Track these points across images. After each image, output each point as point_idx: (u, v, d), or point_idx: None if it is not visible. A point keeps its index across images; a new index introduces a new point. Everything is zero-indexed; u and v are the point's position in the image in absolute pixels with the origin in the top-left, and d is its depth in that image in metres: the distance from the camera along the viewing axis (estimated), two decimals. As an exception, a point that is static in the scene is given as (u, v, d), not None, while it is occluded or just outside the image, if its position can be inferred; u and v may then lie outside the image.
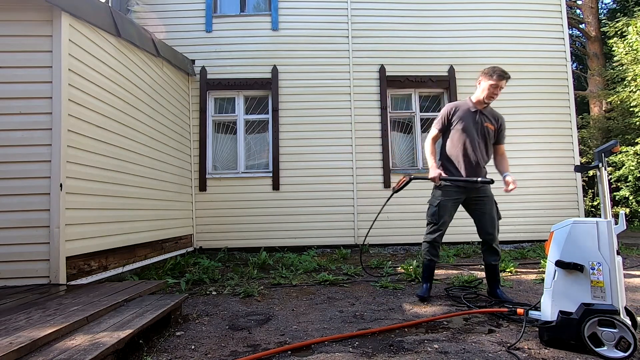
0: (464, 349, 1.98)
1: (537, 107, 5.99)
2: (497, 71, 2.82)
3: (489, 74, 2.85)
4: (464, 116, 2.93)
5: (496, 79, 2.81)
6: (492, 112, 3.01)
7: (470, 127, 2.90)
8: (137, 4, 5.84)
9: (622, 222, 2.00)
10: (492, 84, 2.83)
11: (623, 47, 9.59)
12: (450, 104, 3.02)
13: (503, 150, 3.06)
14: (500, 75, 2.81)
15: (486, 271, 3.01)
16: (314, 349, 2.02)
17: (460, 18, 6.11)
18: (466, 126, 2.91)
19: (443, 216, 2.92)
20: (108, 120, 3.58)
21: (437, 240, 2.94)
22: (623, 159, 9.43)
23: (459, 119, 2.93)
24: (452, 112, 2.97)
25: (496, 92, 2.86)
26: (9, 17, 2.99)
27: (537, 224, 5.74)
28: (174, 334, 2.29)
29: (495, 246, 2.92)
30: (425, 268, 3.03)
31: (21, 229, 2.86)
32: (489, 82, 2.84)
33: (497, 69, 2.84)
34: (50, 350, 1.60)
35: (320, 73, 5.95)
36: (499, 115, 3.02)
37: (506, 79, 2.83)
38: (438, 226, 2.93)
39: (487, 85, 2.85)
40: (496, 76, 2.80)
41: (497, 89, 2.84)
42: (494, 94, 2.86)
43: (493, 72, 2.83)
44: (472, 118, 2.92)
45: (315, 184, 5.76)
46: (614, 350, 1.82)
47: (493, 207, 2.96)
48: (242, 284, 3.61)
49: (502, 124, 3.01)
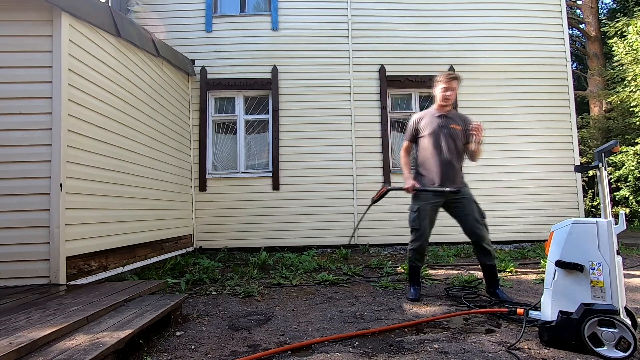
0: (464, 349, 1.98)
1: (537, 107, 5.99)
2: (446, 76, 3.04)
3: (438, 80, 3.07)
4: (430, 122, 3.06)
5: (445, 82, 3.01)
6: (457, 114, 3.14)
7: (437, 130, 3.02)
8: (137, 4, 5.84)
9: (622, 222, 1.99)
10: (443, 87, 3.01)
11: (623, 47, 9.59)
12: (416, 115, 3.19)
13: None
14: (448, 77, 3.02)
15: (483, 271, 3.03)
16: (314, 349, 2.02)
17: (460, 18, 6.11)
18: (433, 131, 3.02)
19: (423, 220, 2.98)
20: (108, 120, 3.58)
21: (422, 247, 3.02)
22: (623, 159, 9.43)
23: (426, 126, 3.06)
24: (418, 121, 3.12)
25: (449, 94, 3.02)
26: (9, 17, 2.99)
27: (537, 224, 5.74)
28: (174, 334, 2.29)
29: (486, 245, 2.93)
30: (411, 272, 3.10)
31: (21, 229, 2.86)
32: (440, 87, 3.04)
33: (446, 74, 3.06)
34: (50, 350, 1.60)
35: (320, 73, 5.95)
36: (465, 116, 3.13)
37: (455, 80, 3.02)
38: (420, 231, 2.99)
39: (439, 90, 3.05)
40: (444, 79, 3.02)
41: (449, 90, 3.01)
42: (449, 97, 3.03)
43: (443, 78, 3.04)
44: (438, 122, 3.04)
45: (315, 184, 5.76)
46: (614, 350, 1.82)
47: (474, 207, 2.98)
48: (242, 284, 3.61)
49: (467, 119, 3.11)
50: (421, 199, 3.00)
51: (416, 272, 3.08)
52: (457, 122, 3.05)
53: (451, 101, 3.06)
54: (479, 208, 3.00)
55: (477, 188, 3.80)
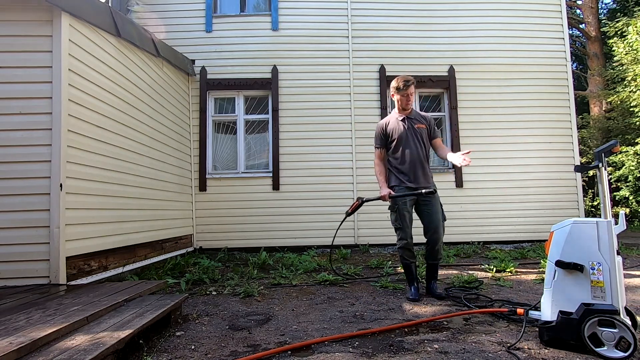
0: (464, 349, 1.98)
1: (537, 107, 5.99)
2: (402, 82, 3.06)
3: (396, 87, 3.10)
4: (395, 126, 3.16)
5: (403, 89, 3.07)
6: (418, 113, 3.24)
7: (404, 133, 3.13)
8: (137, 4, 5.84)
9: (622, 222, 1.99)
10: (402, 94, 3.09)
11: (623, 47, 9.59)
12: (380, 122, 3.27)
13: (440, 143, 3.24)
14: (406, 84, 3.06)
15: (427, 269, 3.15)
16: (314, 349, 2.02)
17: (460, 18, 6.11)
18: (400, 134, 3.13)
19: (405, 216, 3.06)
20: (108, 120, 3.58)
21: (409, 243, 3.08)
22: (623, 159, 9.43)
23: (392, 131, 3.16)
24: (384, 127, 3.20)
25: (409, 99, 3.11)
26: (9, 17, 3.00)
27: (537, 224, 5.74)
28: (174, 334, 2.29)
29: (438, 247, 3.03)
30: (406, 271, 3.15)
31: (21, 229, 2.86)
32: (399, 94, 3.10)
33: (401, 79, 3.08)
34: (50, 350, 1.60)
35: (320, 73, 5.95)
36: (425, 115, 3.26)
37: (413, 85, 3.08)
38: (403, 228, 3.07)
39: (399, 97, 3.12)
40: (402, 86, 3.06)
41: (409, 96, 3.09)
42: (408, 101, 3.11)
43: (398, 84, 3.08)
44: (403, 125, 3.14)
45: (315, 184, 5.76)
46: (614, 350, 1.82)
47: (439, 207, 3.07)
48: (242, 284, 3.61)
49: (431, 121, 3.24)
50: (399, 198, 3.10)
51: (411, 270, 3.11)
52: (420, 121, 3.18)
53: (411, 105, 3.16)
54: (442, 209, 3.09)
55: (477, 188, 3.82)
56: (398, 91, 3.11)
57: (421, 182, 3.09)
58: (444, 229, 3.08)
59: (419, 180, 3.08)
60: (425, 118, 3.22)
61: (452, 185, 5.79)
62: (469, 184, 5.81)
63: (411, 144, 3.10)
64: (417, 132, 3.13)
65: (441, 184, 5.69)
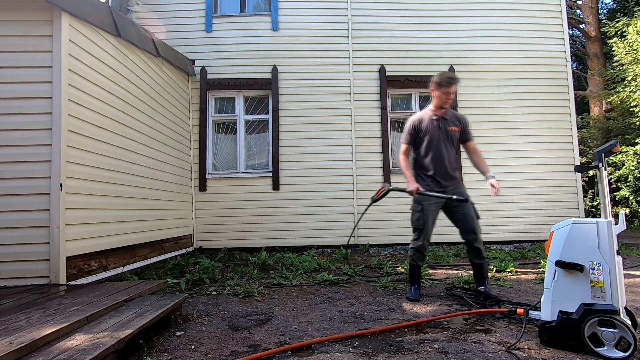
0: (464, 349, 1.98)
1: (537, 107, 5.99)
2: (446, 78, 2.95)
3: (439, 83, 2.96)
4: (428, 125, 3.04)
5: (446, 86, 2.93)
6: (453, 114, 3.11)
7: (436, 134, 3.02)
8: (137, 4, 5.84)
9: (622, 222, 1.99)
10: (443, 91, 2.94)
11: (623, 47, 9.59)
12: (414, 117, 3.12)
13: (474, 147, 3.12)
14: (449, 82, 2.93)
15: (474, 270, 3.07)
16: (314, 349, 2.02)
17: (460, 18, 6.11)
18: (432, 135, 3.02)
19: (427, 220, 2.99)
20: (108, 120, 3.58)
21: (424, 246, 3.03)
22: (623, 159, 9.43)
23: (424, 130, 3.04)
24: (416, 124, 3.08)
25: (450, 98, 2.98)
26: (9, 17, 2.99)
27: (537, 224, 5.74)
28: (174, 334, 2.29)
29: (479, 245, 2.96)
30: (411, 271, 3.10)
31: (21, 229, 2.86)
32: (440, 90, 2.96)
33: (445, 75, 2.97)
34: (50, 350, 1.60)
35: (320, 73, 5.95)
36: (461, 116, 3.14)
37: (455, 84, 2.95)
38: (424, 230, 2.99)
39: (439, 94, 2.98)
40: (446, 84, 2.93)
41: (450, 95, 2.96)
42: (448, 100, 2.99)
43: (442, 80, 2.95)
44: (436, 125, 3.03)
45: (315, 184, 5.76)
46: (614, 350, 1.82)
47: (471, 207, 3.01)
48: (242, 284, 3.61)
49: (466, 123, 3.11)
50: (424, 198, 2.99)
51: (417, 271, 3.08)
52: (455, 123, 3.07)
53: (450, 104, 3.05)
54: (474, 208, 3.02)
55: (477, 188, 3.82)
56: (439, 87, 2.96)
57: (449, 183, 3.00)
58: (479, 229, 2.98)
59: (447, 182, 3.00)
60: (460, 120, 3.09)
61: (452, 185, 5.79)
62: (469, 184, 5.68)
63: (442, 147, 3.00)
64: (450, 135, 3.02)
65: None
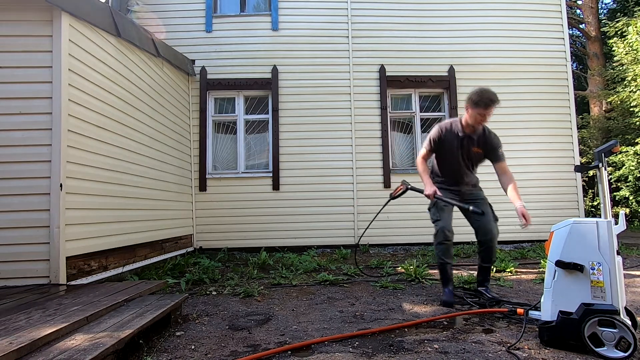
0: (464, 349, 1.98)
1: (537, 107, 5.99)
2: (484, 99, 2.66)
3: (475, 102, 2.69)
4: (452, 141, 2.89)
5: (483, 108, 2.68)
6: (483, 135, 2.89)
7: (457, 152, 2.90)
8: (137, 4, 5.84)
9: (622, 222, 1.99)
10: (479, 111, 2.70)
11: (623, 47, 9.59)
12: (441, 126, 2.96)
13: (504, 168, 2.86)
14: (487, 103, 2.66)
15: (480, 270, 3.03)
16: (314, 349, 2.02)
17: (460, 18, 6.11)
18: (453, 151, 2.90)
19: (442, 212, 2.92)
20: (108, 120, 3.58)
21: (446, 237, 2.86)
22: (623, 159, 9.43)
23: (447, 143, 2.91)
24: (441, 135, 2.92)
25: (485, 119, 2.75)
26: (9, 17, 2.99)
27: (537, 224, 5.66)
28: (174, 334, 2.29)
29: (493, 248, 2.89)
30: (440, 271, 2.96)
31: (21, 229, 2.86)
32: (476, 111, 2.71)
33: (485, 95, 2.67)
34: (50, 350, 1.60)
35: (320, 73, 5.95)
36: (490, 138, 2.90)
37: (495, 106, 2.70)
38: (442, 221, 2.87)
39: (474, 113, 2.74)
40: (483, 105, 2.67)
41: (486, 117, 2.73)
42: (482, 121, 2.77)
43: (480, 101, 2.67)
44: (459, 143, 2.88)
45: (315, 184, 5.76)
46: (614, 350, 1.82)
47: (488, 208, 2.96)
48: (242, 284, 3.61)
49: (493, 145, 2.88)
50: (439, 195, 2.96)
51: (445, 270, 2.90)
52: (480, 144, 2.88)
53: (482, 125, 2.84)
54: (492, 210, 2.98)
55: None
56: (475, 107, 2.70)
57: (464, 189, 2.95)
58: (497, 231, 2.89)
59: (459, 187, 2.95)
60: (487, 142, 2.87)
61: (452, 185, 5.80)
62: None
63: (459, 166, 2.92)
64: (471, 155, 2.90)
65: (441, 184, 5.71)
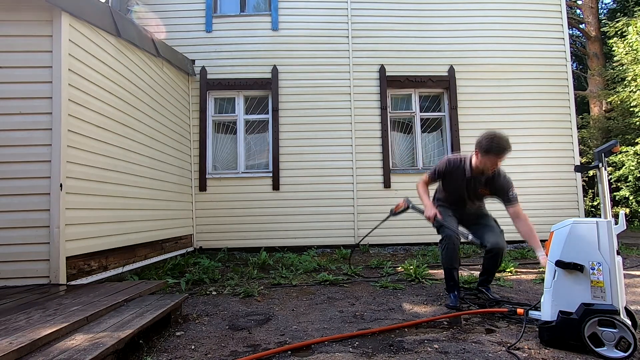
0: (464, 349, 1.98)
1: (537, 107, 6.00)
2: (495, 148, 2.49)
3: (485, 150, 2.53)
4: (458, 178, 2.82)
5: (494, 155, 2.52)
6: (490, 178, 2.74)
7: (462, 190, 2.85)
8: (137, 4, 5.84)
9: (622, 222, 1.99)
10: (489, 158, 2.56)
11: (623, 47, 9.59)
12: (449, 160, 2.85)
13: (518, 212, 2.67)
14: (498, 152, 2.50)
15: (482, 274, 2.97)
16: (314, 349, 2.02)
17: (460, 18, 6.11)
18: (458, 188, 2.85)
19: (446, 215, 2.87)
20: (108, 120, 3.58)
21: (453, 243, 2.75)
22: (623, 159, 9.43)
23: (452, 180, 2.85)
24: (447, 170, 2.84)
25: (494, 167, 2.61)
26: (9, 17, 2.99)
27: (537, 224, 5.58)
28: (174, 334, 2.29)
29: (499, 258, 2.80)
30: (446, 278, 2.86)
31: (21, 229, 2.86)
32: (486, 158, 2.57)
33: (495, 143, 2.49)
34: (50, 350, 1.60)
35: (320, 73, 5.95)
36: (500, 180, 2.72)
37: (506, 153, 2.53)
38: (446, 224, 2.77)
39: (484, 160, 2.59)
40: (494, 153, 2.52)
41: (497, 164, 2.60)
42: (493, 168, 2.63)
43: (490, 148, 2.50)
44: (466, 183, 2.80)
45: (315, 184, 5.76)
46: (614, 350, 1.82)
47: (493, 222, 2.93)
48: (242, 284, 3.61)
49: (503, 188, 2.71)
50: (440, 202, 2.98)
51: (451, 275, 2.80)
52: (487, 186, 2.77)
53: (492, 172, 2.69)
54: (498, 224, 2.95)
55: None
56: (485, 153, 2.54)
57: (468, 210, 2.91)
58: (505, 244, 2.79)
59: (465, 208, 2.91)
60: (496, 184, 2.71)
61: (452, 185, 5.79)
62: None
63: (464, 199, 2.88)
64: (478, 194, 2.84)
65: (441, 184, 5.71)
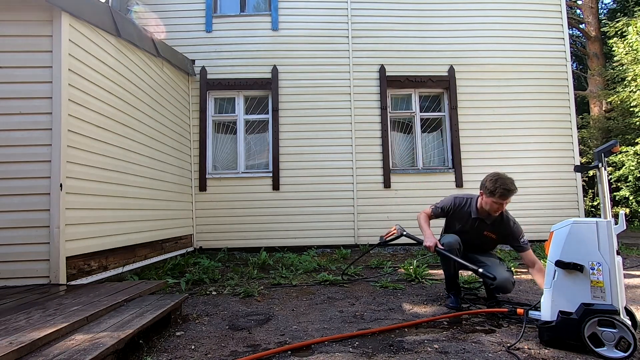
0: (464, 349, 1.98)
1: (537, 107, 6.00)
2: (500, 190, 2.50)
3: (490, 191, 2.54)
4: (462, 219, 2.81)
5: (499, 197, 2.52)
6: (497, 222, 2.72)
7: (467, 232, 2.81)
8: (137, 4, 5.83)
9: (622, 222, 2.00)
10: (495, 200, 2.55)
11: (623, 47, 9.60)
12: (455, 200, 2.84)
13: (532, 259, 2.61)
14: (503, 194, 2.50)
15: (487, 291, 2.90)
16: (314, 349, 2.02)
17: (460, 18, 6.11)
18: (463, 231, 2.82)
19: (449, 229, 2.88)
20: (108, 120, 3.58)
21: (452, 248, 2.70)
22: (623, 159, 9.43)
23: (457, 219, 2.84)
24: (452, 209, 2.84)
25: (500, 209, 2.60)
26: (9, 17, 2.99)
27: (537, 224, 5.73)
28: (174, 334, 2.29)
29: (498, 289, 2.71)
30: (445, 277, 2.88)
31: (21, 229, 2.86)
32: (491, 199, 2.56)
33: (500, 185, 2.50)
34: (50, 350, 1.60)
35: (320, 73, 5.95)
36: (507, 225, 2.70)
37: (511, 196, 2.52)
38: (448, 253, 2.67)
39: (489, 201, 2.59)
40: (498, 195, 2.51)
41: (503, 206, 2.59)
42: (499, 210, 2.61)
43: (495, 190, 2.51)
44: (471, 225, 2.79)
45: (315, 184, 5.76)
46: (614, 351, 1.82)
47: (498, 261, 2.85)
48: (242, 284, 3.61)
49: (513, 234, 2.69)
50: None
51: (450, 277, 2.81)
52: (493, 229, 2.74)
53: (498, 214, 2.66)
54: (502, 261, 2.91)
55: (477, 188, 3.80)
56: (491, 195, 2.54)
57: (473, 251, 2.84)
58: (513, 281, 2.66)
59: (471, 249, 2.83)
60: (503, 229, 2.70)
61: (452, 185, 5.77)
62: (469, 184, 5.79)
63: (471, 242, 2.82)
64: (482, 239, 2.80)
65: (441, 183, 5.71)
